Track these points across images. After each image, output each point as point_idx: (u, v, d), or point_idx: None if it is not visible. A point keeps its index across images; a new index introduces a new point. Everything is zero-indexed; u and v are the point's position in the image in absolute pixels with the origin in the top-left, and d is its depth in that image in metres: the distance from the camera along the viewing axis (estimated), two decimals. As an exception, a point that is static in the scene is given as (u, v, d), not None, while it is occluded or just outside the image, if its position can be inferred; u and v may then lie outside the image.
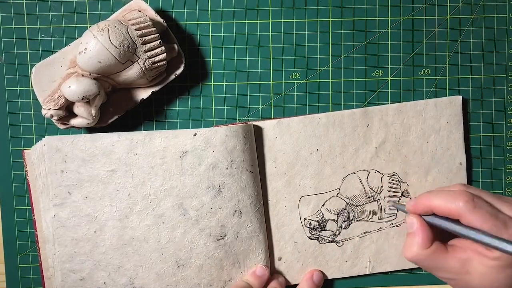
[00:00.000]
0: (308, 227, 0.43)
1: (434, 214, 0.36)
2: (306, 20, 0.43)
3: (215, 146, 0.39)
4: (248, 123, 0.42)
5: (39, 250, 0.41)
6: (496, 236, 0.31)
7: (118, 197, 0.39)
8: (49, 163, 0.39)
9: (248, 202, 0.41)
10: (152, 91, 0.41)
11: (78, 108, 0.38)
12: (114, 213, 0.40)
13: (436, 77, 0.44)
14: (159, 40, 0.38)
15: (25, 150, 0.41)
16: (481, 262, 0.33)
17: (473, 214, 0.32)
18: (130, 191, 0.40)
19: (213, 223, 0.40)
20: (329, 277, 0.43)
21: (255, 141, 0.42)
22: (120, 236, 0.40)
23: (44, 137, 0.39)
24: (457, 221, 0.34)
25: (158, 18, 0.40)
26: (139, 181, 0.39)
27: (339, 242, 0.43)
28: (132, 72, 0.38)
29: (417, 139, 0.43)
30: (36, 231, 0.41)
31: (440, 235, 0.36)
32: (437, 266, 0.35)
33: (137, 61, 0.38)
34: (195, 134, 0.39)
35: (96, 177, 0.39)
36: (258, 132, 0.42)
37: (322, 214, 0.43)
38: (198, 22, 0.43)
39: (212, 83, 0.43)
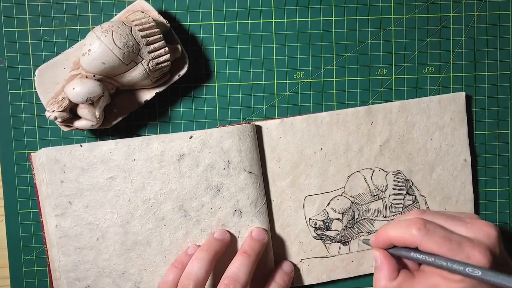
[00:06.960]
0: (314, 227, 0.43)
1: (394, 246, 0.35)
2: (309, 19, 0.43)
3: (211, 148, 0.40)
4: (251, 123, 0.42)
5: (47, 252, 0.41)
6: (453, 259, 0.31)
7: (118, 203, 0.40)
8: (48, 174, 0.39)
9: (248, 202, 0.41)
10: (156, 92, 0.41)
11: (82, 110, 0.38)
12: (116, 220, 0.40)
13: (440, 75, 0.44)
14: (163, 41, 0.38)
15: (32, 153, 0.40)
16: (448, 286, 0.32)
17: (428, 241, 0.32)
18: (130, 196, 0.40)
19: (213, 223, 0.40)
20: (336, 277, 0.43)
21: (258, 141, 0.42)
22: (123, 241, 0.40)
23: (47, 142, 0.39)
24: (416, 249, 0.34)
25: (161, 19, 0.40)
26: (138, 186, 0.40)
27: (345, 241, 0.43)
28: (136, 73, 0.38)
29: (421, 136, 0.43)
30: (44, 233, 0.41)
31: (411, 262, 0.36)
32: None
33: (141, 62, 0.37)
34: (191, 137, 0.40)
35: (96, 185, 0.39)
36: (261, 132, 0.42)
37: (327, 213, 0.43)
38: (201, 23, 0.43)
39: (216, 84, 0.43)
